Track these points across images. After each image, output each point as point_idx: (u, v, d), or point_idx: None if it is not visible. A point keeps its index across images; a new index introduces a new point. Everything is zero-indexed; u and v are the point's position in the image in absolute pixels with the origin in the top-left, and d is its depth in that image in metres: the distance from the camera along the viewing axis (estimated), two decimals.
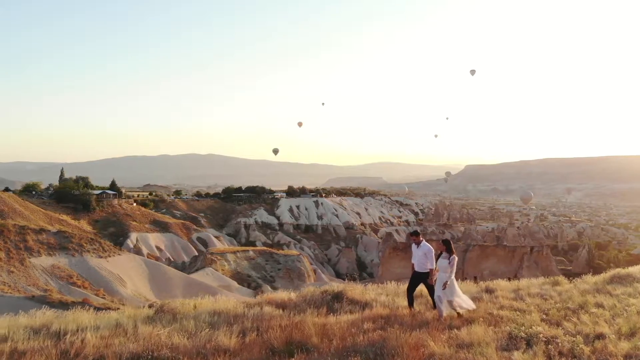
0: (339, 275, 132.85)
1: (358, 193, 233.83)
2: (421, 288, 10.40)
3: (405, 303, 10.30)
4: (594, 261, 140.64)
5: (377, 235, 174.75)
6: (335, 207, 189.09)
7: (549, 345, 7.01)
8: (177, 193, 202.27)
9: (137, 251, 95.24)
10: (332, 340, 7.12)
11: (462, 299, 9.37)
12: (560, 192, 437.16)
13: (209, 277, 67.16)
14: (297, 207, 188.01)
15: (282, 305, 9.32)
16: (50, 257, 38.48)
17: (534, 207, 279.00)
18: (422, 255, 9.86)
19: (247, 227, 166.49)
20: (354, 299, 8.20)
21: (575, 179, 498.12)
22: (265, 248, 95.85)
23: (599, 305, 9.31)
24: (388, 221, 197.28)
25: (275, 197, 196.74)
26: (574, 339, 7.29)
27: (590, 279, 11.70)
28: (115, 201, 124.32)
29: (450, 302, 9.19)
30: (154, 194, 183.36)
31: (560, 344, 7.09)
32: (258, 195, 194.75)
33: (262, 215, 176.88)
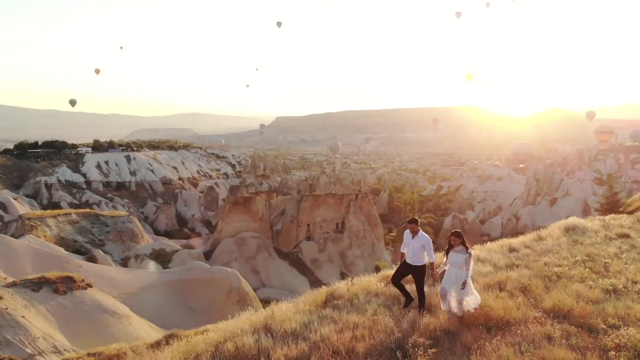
0: (157, 233, 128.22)
1: (171, 146, 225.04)
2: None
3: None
4: (394, 203, 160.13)
5: (196, 189, 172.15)
6: (149, 161, 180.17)
7: (637, 295, 8.70)
8: None
9: None
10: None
11: (475, 296, 8.54)
12: (360, 141, 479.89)
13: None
14: (106, 162, 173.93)
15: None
16: None
17: (338, 156, 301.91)
18: (419, 247, 9.08)
19: (48, 186, 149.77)
20: None
21: (373, 129, 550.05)
22: (89, 210, 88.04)
23: (600, 255, 11.53)
24: (207, 175, 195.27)
25: (79, 152, 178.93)
26: None
27: (554, 232, 14.17)
28: None
29: (460, 301, 8.42)
30: None
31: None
32: (58, 151, 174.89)
33: (65, 173, 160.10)
